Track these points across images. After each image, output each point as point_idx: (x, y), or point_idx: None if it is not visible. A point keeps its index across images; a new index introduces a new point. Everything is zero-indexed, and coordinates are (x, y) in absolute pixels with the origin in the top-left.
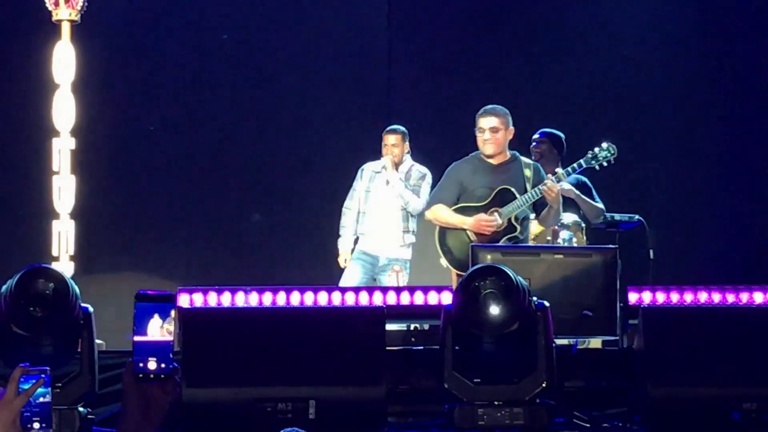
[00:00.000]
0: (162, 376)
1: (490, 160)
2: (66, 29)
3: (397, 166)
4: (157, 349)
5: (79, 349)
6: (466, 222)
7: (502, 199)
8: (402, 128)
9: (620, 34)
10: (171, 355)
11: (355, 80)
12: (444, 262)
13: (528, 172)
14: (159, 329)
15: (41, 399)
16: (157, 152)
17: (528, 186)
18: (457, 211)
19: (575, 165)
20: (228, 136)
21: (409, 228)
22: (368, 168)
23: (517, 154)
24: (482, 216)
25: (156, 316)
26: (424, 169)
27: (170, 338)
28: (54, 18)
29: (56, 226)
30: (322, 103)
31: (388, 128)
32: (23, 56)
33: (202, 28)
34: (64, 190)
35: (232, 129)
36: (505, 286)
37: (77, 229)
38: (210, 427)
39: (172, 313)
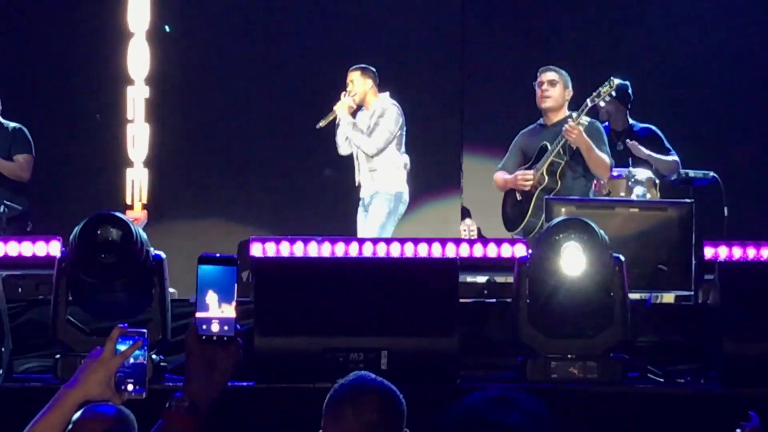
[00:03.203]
0: (225, 338)
1: (546, 121)
2: None
3: (359, 106)
4: (220, 318)
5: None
6: (508, 180)
7: (540, 154)
8: (363, 65)
9: None
10: (235, 321)
11: (428, 32)
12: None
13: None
14: (218, 306)
15: (136, 360)
16: (230, 101)
17: None
18: None
19: (582, 107)
20: (303, 88)
21: (374, 167)
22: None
23: (573, 113)
24: (519, 172)
25: (215, 290)
26: (388, 106)
27: (232, 315)
28: None
29: (130, 174)
30: (394, 59)
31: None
32: (98, 5)
33: None
34: (138, 138)
35: (308, 80)
36: (589, 240)
37: (150, 178)
38: (282, 376)
39: (235, 288)
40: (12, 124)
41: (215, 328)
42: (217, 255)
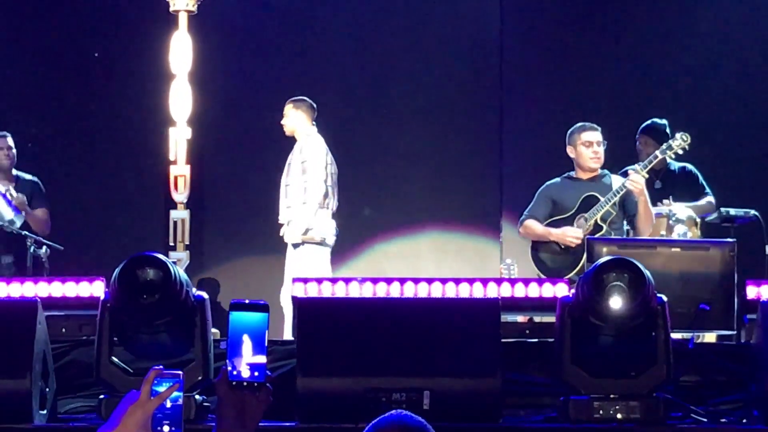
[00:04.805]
0: (255, 384)
1: (582, 175)
2: (183, 20)
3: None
4: (251, 363)
5: None
6: (552, 233)
7: (588, 204)
8: (298, 98)
9: (733, 28)
10: (266, 366)
11: (467, 76)
12: (539, 273)
13: (617, 184)
14: (250, 350)
15: (173, 402)
16: (270, 143)
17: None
18: (549, 224)
19: (651, 158)
20: (342, 129)
21: (289, 204)
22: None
23: (608, 171)
24: (568, 229)
25: (247, 335)
26: (307, 140)
27: (264, 356)
28: (171, 8)
29: (173, 215)
30: (433, 100)
31: None
32: (141, 46)
33: (314, 20)
34: (180, 179)
35: (344, 120)
36: (635, 280)
37: (192, 219)
38: (324, 416)
39: (266, 334)
40: (28, 177)
41: (246, 373)
42: (248, 301)
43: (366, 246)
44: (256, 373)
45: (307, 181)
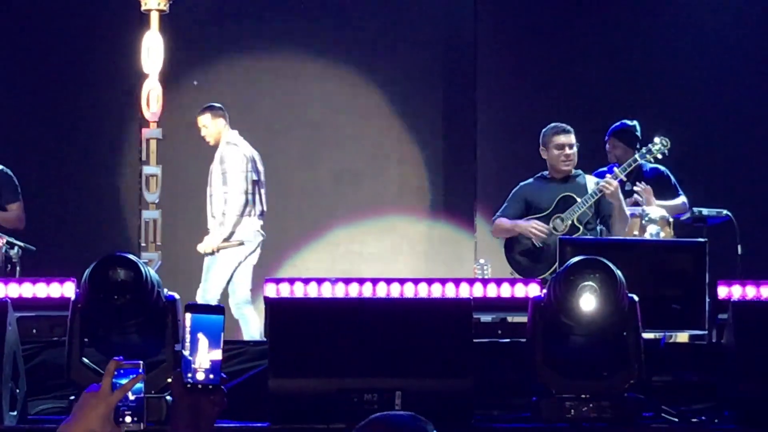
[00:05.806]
0: (210, 386)
1: (556, 174)
2: (155, 19)
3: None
4: (206, 366)
5: None
6: (518, 224)
7: (565, 205)
8: (210, 105)
9: (706, 30)
10: (220, 369)
11: (441, 74)
12: (514, 274)
13: (592, 185)
14: (206, 353)
15: (135, 394)
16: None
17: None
18: None
19: (630, 161)
20: (312, 127)
21: (213, 213)
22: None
23: (581, 171)
24: (534, 221)
25: (203, 338)
26: (225, 147)
27: (219, 357)
28: (143, 8)
29: (144, 215)
30: (407, 100)
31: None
32: (112, 46)
33: (286, 20)
34: (152, 179)
35: (317, 119)
36: (606, 280)
37: (163, 219)
38: (296, 417)
39: (221, 336)
40: None
41: (200, 376)
42: (204, 304)
43: (338, 247)
44: (211, 376)
45: (228, 192)
